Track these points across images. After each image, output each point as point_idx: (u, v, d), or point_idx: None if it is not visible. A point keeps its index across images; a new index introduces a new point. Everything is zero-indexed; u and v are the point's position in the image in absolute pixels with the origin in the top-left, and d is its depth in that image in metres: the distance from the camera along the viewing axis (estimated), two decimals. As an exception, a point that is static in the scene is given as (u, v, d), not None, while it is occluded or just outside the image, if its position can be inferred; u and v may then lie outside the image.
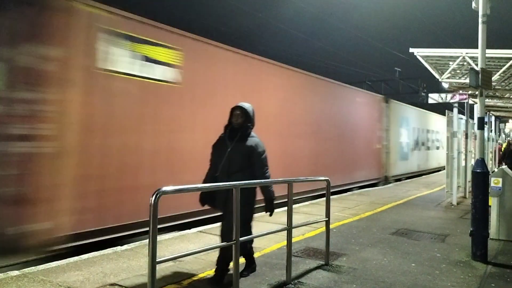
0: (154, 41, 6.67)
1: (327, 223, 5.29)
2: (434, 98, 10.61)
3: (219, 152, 4.49)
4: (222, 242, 4.41)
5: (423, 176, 20.32)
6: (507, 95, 12.54)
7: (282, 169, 9.26)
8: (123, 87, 6.27)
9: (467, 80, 7.59)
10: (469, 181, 11.11)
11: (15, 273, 4.52)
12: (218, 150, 4.52)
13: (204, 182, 4.55)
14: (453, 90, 11.17)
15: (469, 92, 10.41)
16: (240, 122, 4.47)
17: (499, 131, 25.57)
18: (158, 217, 2.98)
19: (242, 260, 4.88)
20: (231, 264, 4.03)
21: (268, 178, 4.50)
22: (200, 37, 7.68)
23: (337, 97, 13.29)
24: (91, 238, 5.80)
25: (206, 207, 4.71)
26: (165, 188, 3.08)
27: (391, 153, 16.54)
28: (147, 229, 3.04)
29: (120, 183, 6.22)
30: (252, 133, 4.56)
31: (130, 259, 5.20)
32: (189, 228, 7.04)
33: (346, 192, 12.86)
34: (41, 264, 4.91)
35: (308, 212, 8.91)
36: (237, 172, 4.34)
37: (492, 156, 18.05)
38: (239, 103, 4.58)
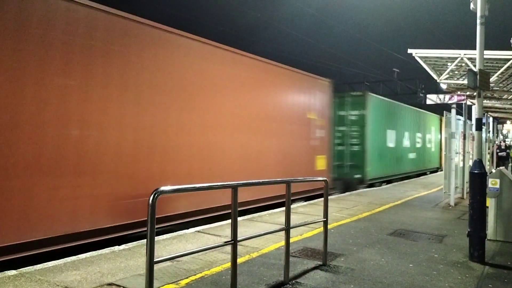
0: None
1: (325, 223, 5.29)
2: (432, 99, 10.64)
3: None
4: None
5: (421, 177, 20.80)
6: (505, 96, 12.57)
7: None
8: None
9: (465, 81, 7.61)
10: (466, 182, 11.14)
11: (13, 272, 4.51)
12: None
13: None
14: (451, 91, 11.20)
15: (467, 93, 10.43)
16: None
17: (497, 132, 25.77)
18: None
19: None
20: (228, 264, 4.03)
21: None
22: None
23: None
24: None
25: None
26: (163, 188, 3.11)
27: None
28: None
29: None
30: None
31: (127, 259, 5.20)
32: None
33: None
34: (38, 263, 4.90)
35: (306, 213, 8.92)
36: None
37: (490, 158, 18.15)
38: None
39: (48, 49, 5.33)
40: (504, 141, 20.98)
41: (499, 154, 17.76)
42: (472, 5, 6.04)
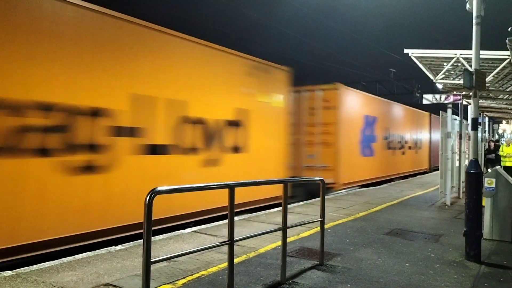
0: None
1: (322, 223, 5.30)
2: (428, 98, 10.66)
3: None
4: None
5: (418, 176, 20.75)
6: (500, 96, 12.64)
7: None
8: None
9: (461, 81, 7.63)
10: (462, 182, 11.18)
11: (8, 273, 4.49)
12: None
13: None
14: (447, 91, 11.24)
15: (463, 93, 10.47)
16: None
17: (493, 132, 25.85)
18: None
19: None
20: (225, 264, 4.02)
21: None
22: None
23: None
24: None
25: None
26: (159, 188, 3.11)
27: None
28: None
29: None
30: None
31: (124, 259, 5.19)
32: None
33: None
34: (34, 264, 4.88)
35: (302, 212, 8.93)
36: None
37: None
38: None
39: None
40: (498, 141, 20.73)
41: (488, 156, 16.93)
42: (468, 5, 6.06)
